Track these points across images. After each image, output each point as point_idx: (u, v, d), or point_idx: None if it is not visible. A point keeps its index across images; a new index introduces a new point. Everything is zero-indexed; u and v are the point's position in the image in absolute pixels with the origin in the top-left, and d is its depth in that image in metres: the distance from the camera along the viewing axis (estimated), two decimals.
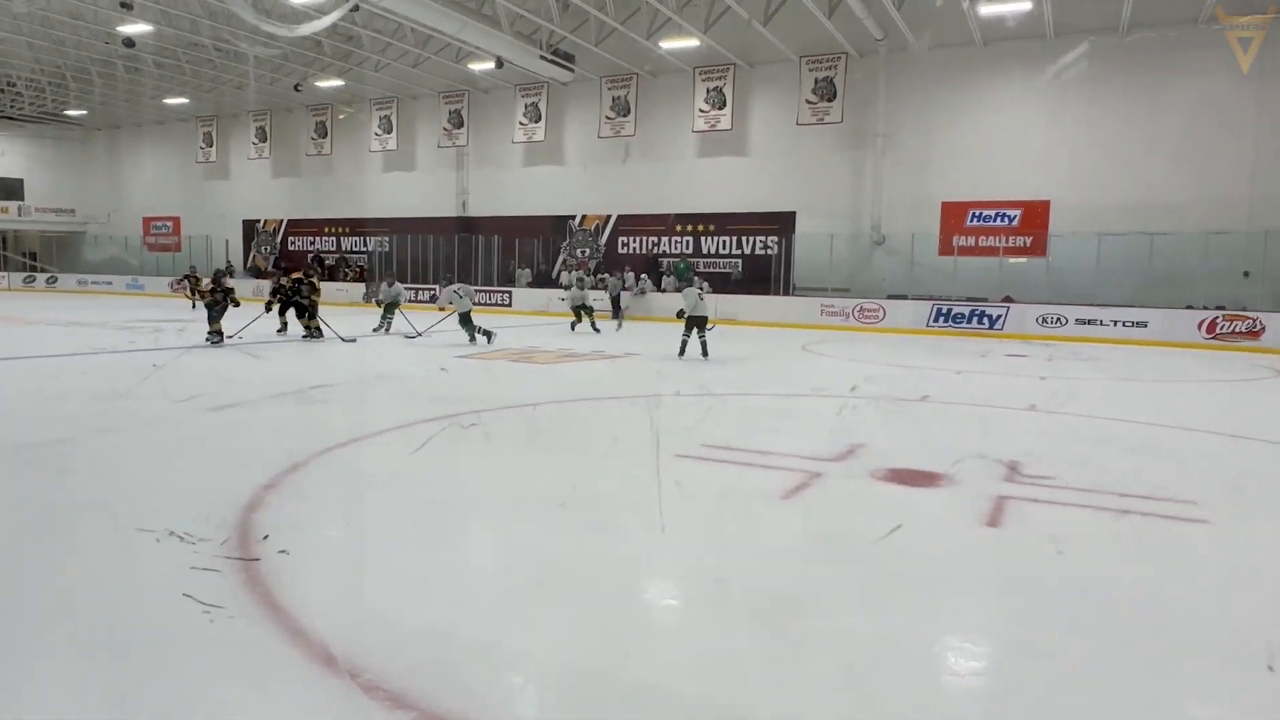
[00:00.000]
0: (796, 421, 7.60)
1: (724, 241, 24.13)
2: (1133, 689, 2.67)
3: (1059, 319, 18.81)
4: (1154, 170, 19.09)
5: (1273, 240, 17.56)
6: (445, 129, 27.56)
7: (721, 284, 23.50)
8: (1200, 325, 17.54)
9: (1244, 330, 17.08)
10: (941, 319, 19.79)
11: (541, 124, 25.81)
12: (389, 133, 28.70)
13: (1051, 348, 16.26)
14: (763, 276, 23.23)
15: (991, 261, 20.54)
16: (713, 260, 24.28)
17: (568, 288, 24.57)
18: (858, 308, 20.60)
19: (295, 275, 14.71)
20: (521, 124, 26.09)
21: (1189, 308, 17.91)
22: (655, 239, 25.09)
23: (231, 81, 28.48)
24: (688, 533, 4.16)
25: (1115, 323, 18.29)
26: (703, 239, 24.40)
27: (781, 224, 23.10)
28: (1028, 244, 20.51)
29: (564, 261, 26.34)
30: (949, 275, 20.64)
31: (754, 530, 4.26)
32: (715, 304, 22.05)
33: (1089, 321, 18.51)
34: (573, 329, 17.16)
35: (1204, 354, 16.04)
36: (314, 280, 14.50)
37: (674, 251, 24.71)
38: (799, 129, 22.38)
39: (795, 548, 3.97)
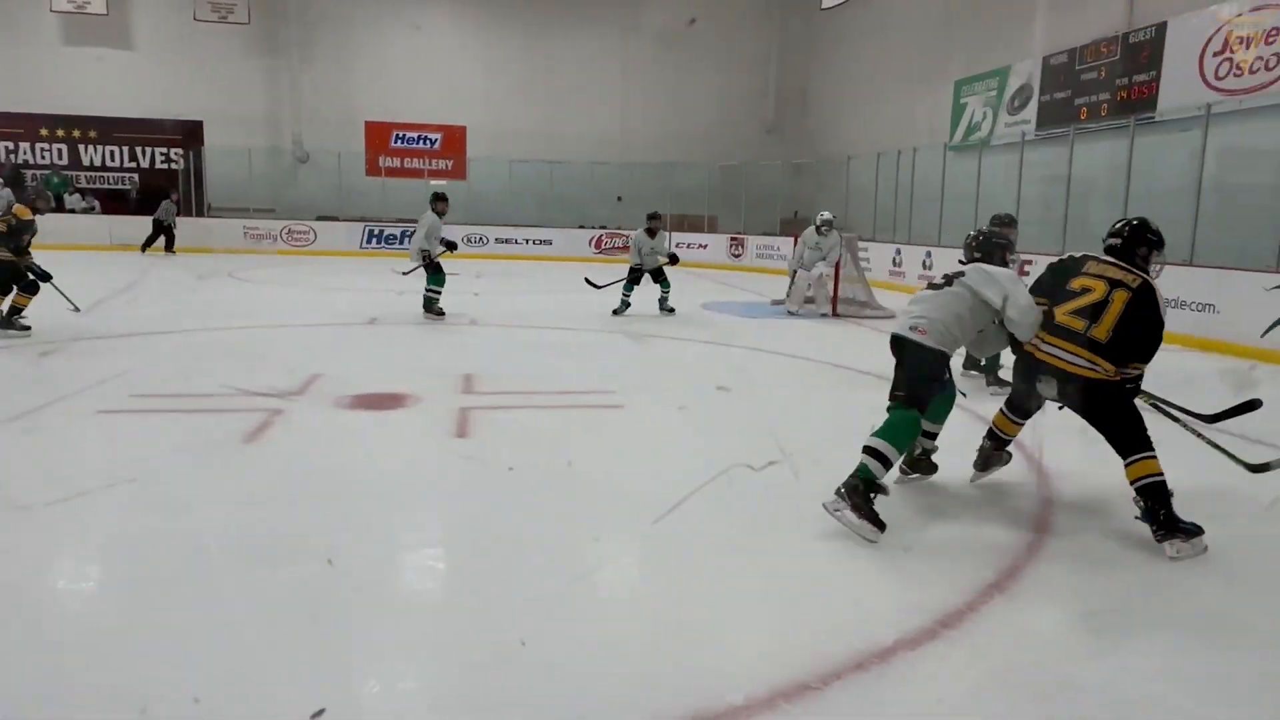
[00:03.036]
0: (241, 356, 6.96)
1: (112, 152, 20.38)
2: (579, 558, 3.18)
3: (481, 238, 20.40)
4: (552, 106, 21.69)
5: (637, 171, 21.46)
6: None
7: (117, 202, 19.91)
8: (590, 242, 20.78)
9: (621, 245, 20.76)
10: (375, 240, 19.86)
11: None
12: None
13: (478, 265, 17.61)
14: (166, 195, 20.29)
15: (419, 183, 21.18)
16: (99, 174, 20.36)
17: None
18: (285, 230, 19.45)
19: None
20: None
21: (581, 227, 21.05)
22: (13, 145, 19.96)
23: None
24: (137, 497, 3.56)
25: (527, 241, 20.59)
26: (82, 147, 20.21)
27: (186, 134, 20.36)
28: (449, 167, 21.63)
29: None
30: (379, 196, 20.70)
31: (220, 481, 3.84)
32: (109, 225, 18.63)
33: (506, 241, 20.48)
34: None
35: (594, 266, 19.07)
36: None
37: (43, 162, 19.99)
38: (198, 26, 19.76)
39: (272, 492, 3.70)
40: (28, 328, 7.30)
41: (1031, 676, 2.33)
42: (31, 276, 7.27)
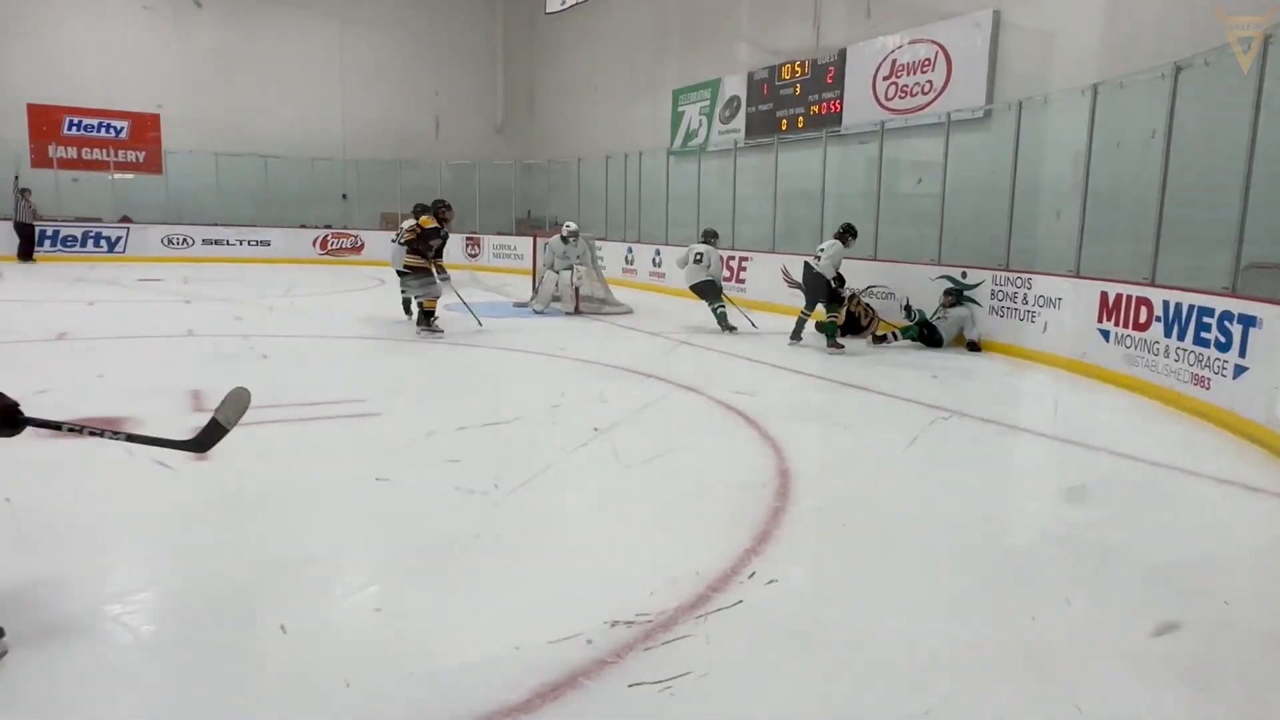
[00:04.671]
0: None
1: None
2: (352, 575, 3.11)
3: (185, 240, 18.45)
4: (263, 99, 20.04)
5: (362, 169, 20.52)
6: None
7: None
8: (314, 242, 19.55)
9: (349, 246, 19.76)
10: (50, 242, 17.18)
11: None
12: None
13: (186, 269, 15.91)
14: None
15: (104, 177, 18.64)
16: None
17: None
18: None
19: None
20: None
21: (303, 227, 19.72)
22: None
23: None
24: None
25: (240, 242, 18.91)
26: None
27: None
28: (141, 159, 19.26)
29: None
30: (52, 191, 17.90)
31: None
32: None
33: (215, 241, 18.67)
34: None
35: (321, 268, 17.99)
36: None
37: None
38: None
39: None
40: (441, 331, 8.37)
41: (789, 623, 2.67)
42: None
